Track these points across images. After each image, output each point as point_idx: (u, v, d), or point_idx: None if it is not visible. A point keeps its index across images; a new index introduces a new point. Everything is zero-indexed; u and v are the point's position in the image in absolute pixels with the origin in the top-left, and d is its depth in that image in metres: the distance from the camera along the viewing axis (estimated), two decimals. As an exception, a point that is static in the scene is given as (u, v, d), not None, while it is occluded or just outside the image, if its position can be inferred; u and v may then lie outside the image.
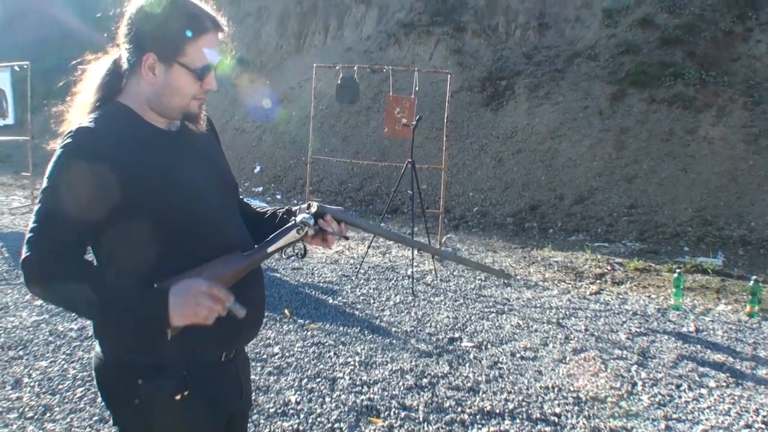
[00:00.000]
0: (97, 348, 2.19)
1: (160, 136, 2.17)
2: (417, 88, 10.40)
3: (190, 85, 2.11)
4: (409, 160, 8.74)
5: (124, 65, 2.13)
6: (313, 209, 2.25)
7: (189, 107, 2.17)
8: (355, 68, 11.03)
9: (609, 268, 9.25)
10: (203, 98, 2.21)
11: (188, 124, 2.25)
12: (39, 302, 7.06)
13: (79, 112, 2.16)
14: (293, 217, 2.27)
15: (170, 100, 2.12)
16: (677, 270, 7.86)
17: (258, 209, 2.59)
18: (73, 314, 1.57)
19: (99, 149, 1.95)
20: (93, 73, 2.21)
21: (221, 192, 2.29)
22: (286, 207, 2.49)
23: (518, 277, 8.79)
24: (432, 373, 5.40)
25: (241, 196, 2.61)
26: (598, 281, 8.66)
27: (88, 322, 6.24)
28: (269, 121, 18.09)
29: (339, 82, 10.87)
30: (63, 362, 5.52)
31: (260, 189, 15.20)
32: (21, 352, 5.74)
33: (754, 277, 7.66)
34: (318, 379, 5.25)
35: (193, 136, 2.28)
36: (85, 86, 2.20)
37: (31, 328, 6.31)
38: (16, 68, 13.70)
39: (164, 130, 2.19)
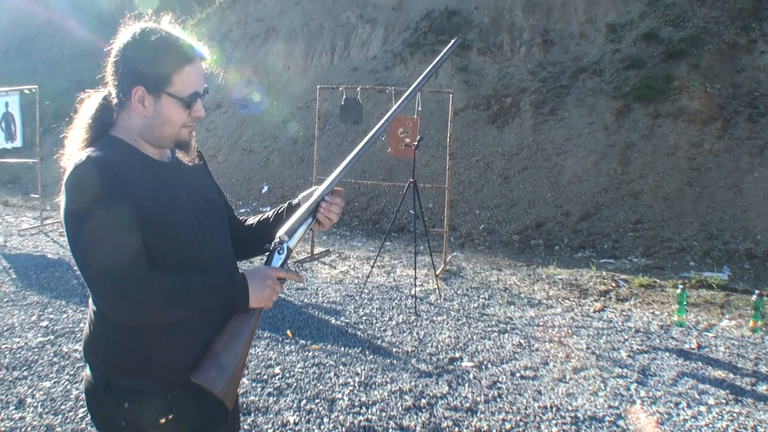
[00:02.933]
0: (87, 371, 2.27)
1: (154, 166, 2.24)
2: (420, 108, 10.45)
3: (179, 114, 2.19)
4: (411, 180, 8.78)
5: (114, 100, 2.20)
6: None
7: (180, 135, 2.25)
8: (359, 89, 11.08)
9: (614, 284, 9.23)
10: (192, 126, 2.29)
11: (179, 155, 2.34)
12: (45, 323, 7.13)
13: (74, 147, 2.21)
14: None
15: (161, 129, 2.20)
16: (680, 285, 7.84)
17: (259, 218, 2.70)
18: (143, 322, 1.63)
19: (113, 174, 2.02)
20: (86, 109, 2.27)
21: (211, 217, 2.37)
22: (287, 203, 2.65)
23: (522, 296, 8.78)
24: (431, 394, 5.42)
25: (241, 217, 2.73)
26: (603, 298, 8.65)
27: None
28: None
29: (342, 103, 10.93)
30: (66, 383, 5.58)
31: (268, 209, 15.22)
32: (25, 373, 5.82)
33: (757, 291, 7.62)
34: (317, 400, 5.28)
35: (183, 165, 2.36)
36: (78, 122, 2.26)
37: (36, 349, 6.37)
38: (26, 91, 13.86)
39: (157, 160, 2.27)
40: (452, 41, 2.81)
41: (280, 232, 2.35)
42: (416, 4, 19.35)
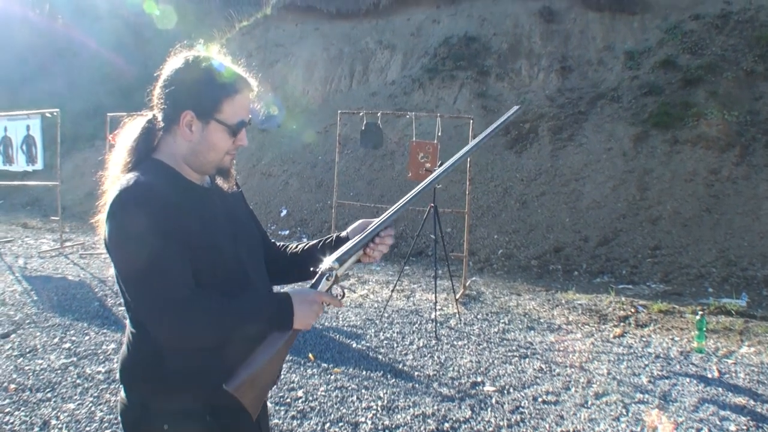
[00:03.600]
0: (122, 393, 2.29)
1: (196, 191, 2.30)
2: (440, 133, 10.52)
3: (224, 141, 2.27)
4: (432, 204, 8.85)
5: (160, 124, 2.27)
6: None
7: (222, 162, 2.32)
8: (379, 114, 11.18)
9: (633, 310, 9.25)
10: (234, 153, 2.35)
11: (218, 181, 2.40)
12: (67, 345, 7.20)
13: (117, 169, 2.27)
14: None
15: (206, 155, 2.27)
16: (700, 312, 7.86)
17: (302, 246, 2.72)
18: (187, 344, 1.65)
19: (159, 198, 2.07)
20: (128, 132, 2.34)
21: (248, 243, 2.44)
22: (335, 235, 2.63)
23: (542, 321, 8.81)
24: (454, 418, 5.45)
25: (273, 240, 2.77)
26: (622, 324, 8.67)
27: (116, 365, 6.37)
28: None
29: (363, 128, 11.03)
30: (90, 405, 5.62)
31: (287, 232, 15.31)
32: (49, 395, 5.86)
33: (777, 318, 7.67)
34: (340, 424, 5.32)
35: (222, 191, 2.42)
36: (121, 144, 2.32)
37: (59, 371, 6.43)
38: (48, 115, 14.01)
39: (199, 185, 2.33)
40: (514, 109, 2.84)
41: (331, 259, 2.38)
42: (435, 30, 19.50)
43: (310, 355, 7.03)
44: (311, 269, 2.41)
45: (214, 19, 24.58)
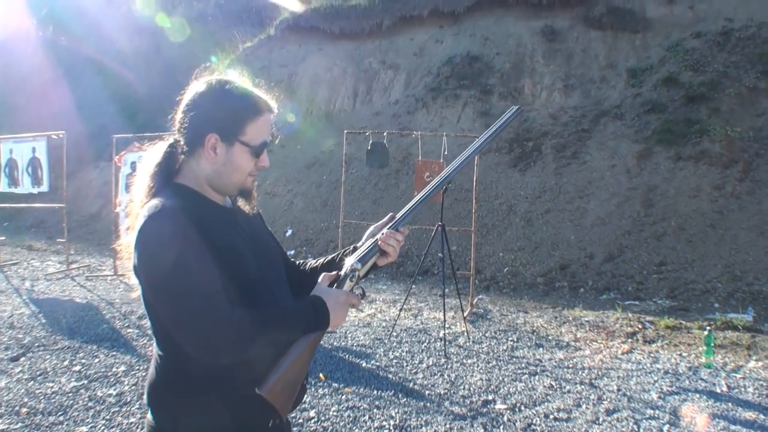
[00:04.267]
0: (150, 416, 2.30)
1: (221, 212, 2.34)
2: (446, 152, 10.57)
3: (248, 162, 2.31)
4: (440, 223, 8.90)
5: (183, 148, 2.31)
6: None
7: (245, 183, 2.37)
8: (385, 134, 11.25)
9: (640, 326, 9.28)
10: (256, 174, 2.40)
11: (240, 203, 2.45)
12: (77, 368, 7.23)
13: (142, 194, 2.29)
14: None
15: (230, 177, 2.31)
16: (707, 327, 7.89)
17: (322, 260, 2.77)
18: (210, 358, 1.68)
19: (187, 220, 2.11)
20: (150, 158, 2.36)
21: (271, 263, 2.48)
22: (352, 246, 2.69)
23: (550, 338, 8.85)
24: (466, 436, 5.49)
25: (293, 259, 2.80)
26: (630, 340, 8.70)
27: (127, 388, 6.42)
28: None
29: (369, 147, 11.09)
30: (103, 428, 5.65)
31: (292, 252, 15.34)
32: (61, 418, 5.87)
33: (785, 333, 7.70)
34: (354, 443, 5.35)
35: (243, 212, 2.47)
36: (144, 169, 2.34)
37: (70, 394, 6.45)
38: (54, 137, 14.07)
39: (222, 206, 2.38)
40: (513, 109, 2.92)
41: (353, 259, 2.47)
42: (438, 49, 19.61)
43: (321, 375, 7.06)
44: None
45: (218, 40, 24.68)
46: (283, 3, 23.26)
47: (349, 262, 2.48)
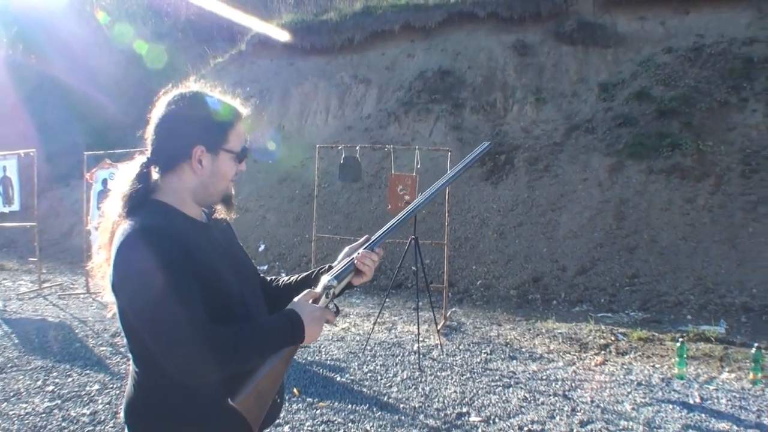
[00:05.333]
0: None
1: (199, 228, 2.33)
2: (419, 166, 10.58)
3: (232, 169, 2.36)
4: (413, 236, 8.90)
5: (161, 165, 2.30)
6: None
7: (228, 189, 2.41)
8: (357, 148, 11.24)
9: (613, 338, 9.31)
10: (235, 180, 2.43)
11: (219, 212, 2.48)
12: (50, 388, 7.14)
13: (115, 213, 2.25)
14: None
15: (216, 186, 2.34)
16: (680, 339, 7.93)
17: (296, 277, 2.76)
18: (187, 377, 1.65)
19: (166, 238, 2.10)
20: (123, 175, 2.33)
21: (247, 277, 2.48)
22: (327, 266, 2.69)
23: (523, 350, 8.85)
24: (441, 449, 5.47)
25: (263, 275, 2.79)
26: (603, 352, 8.72)
27: (101, 407, 6.36)
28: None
29: (341, 161, 11.06)
30: (77, 447, 5.58)
31: (265, 267, 15.28)
32: (35, 439, 5.81)
33: (756, 344, 7.72)
34: (329, 457, 5.32)
35: (219, 226, 2.49)
36: (117, 188, 2.31)
37: (44, 414, 6.36)
38: (24, 155, 13.93)
39: (200, 222, 2.37)
40: (484, 145, 2.99)
41: (329, 276, 2.48)
42: (409, 63, 19.65)
43: (295, 390, 7.03)
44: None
45: (189, 56, 24.61)
46: (251, 23, 23.20)
47: (325, 279, 2.48)
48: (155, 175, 2.32)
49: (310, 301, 2.41)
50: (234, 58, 23.56)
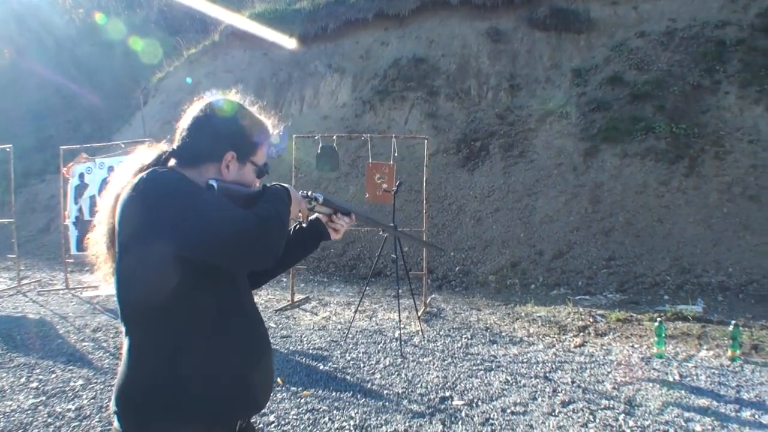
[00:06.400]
0: (116, 424, 2.24)
1: None
2: (396, 154, 10.61)
3: (253, 181, 2.46)
4: (392, 224, 8.93)
5: (185, 159, 2.37)
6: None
7: None
8: (334, 137, 11.25)
9: (591, 320, 9.40)
10: None
11: None
12: (34, 384, 7.10)
13: (124, 180, 2.30)
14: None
15: None
16: (658, 319, 8.02)
17: None
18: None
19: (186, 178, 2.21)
20: (140, 157, 2.39)
21: None
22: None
23: (503, 334, 8.92)
24: (426, 433, 5.52)
25: None
26: (582, 334, 8.81)
27: (86, 402, 6.35)
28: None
29: (319, 151, 11.05)
30: (64, 442, 5.58)
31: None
32: (21, 435, 5.79)
33: (734, 321, 7.83)
34: (315, 444, 5.35)
35: None
36: (131, 165, 2.36)
37: (29, 411, 6.34)
38: (-1, 150, 13.83)
39: None
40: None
41: (318, 192, 2.70)
42: (384, 52, 19.66)
43: (279, 380, 7.04)
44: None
45: (162, 47, 24.50)
46: (222, 14, 23.12)
47: (315, 193, 2.68)
48: (172, 165, 2.37)
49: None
50: (207, 48, 23.51)
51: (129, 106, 24.33)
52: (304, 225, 2.80)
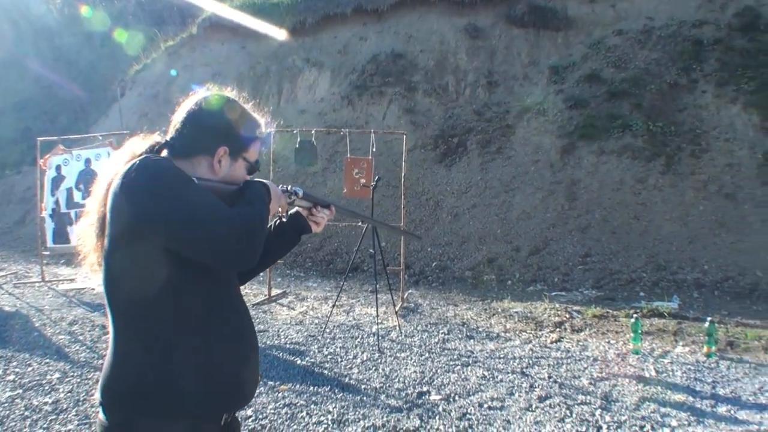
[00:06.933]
0: (102, 416, 2.22)
1: None
2: (374, 149, 10.60)
3: (243, 177, 2.47)
4: (359, 223, 8.92)
5: (177, 151, 2.36)
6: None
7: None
8: (313, 132, 11.23)
9: (567, 316, 9.45)
10: None
11: None
12: (11, 377, 7.05)
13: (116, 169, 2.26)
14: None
15: None
16: (634, 315, 8.07)
17: None
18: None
19: (177, 168, 2.20)
20: (131, 147, 2.37)
21: None
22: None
23: (480, 329, 8.95)
24: (404, 428, 5.51)
25: None
26: (558, 329, 8.85)
27: (62, 395, 6.31)
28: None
29: (297, 145, 11.02)
30: (41, 436, 5.54)
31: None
32: (-2, 429, 5.75)
33: (709, 318, 7.90)
34: (293, 439, 5.34)
35: None
36: (122, 155, 2.34)
37: (6, 404, 6.29)
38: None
39: None
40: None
41: (298, 186, 2.73)
42: (362, 47, 19.64)
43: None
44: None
45: (141, 39, 24.36)
46: (203, 3, 23.01)
47: (295, 187, 2.71)
48: (164, 155, 2.36)
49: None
50: (185, 41, 23.39)
51: (106, 97, 24.18)
52: (284, 220, 2.80)
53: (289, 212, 2.80)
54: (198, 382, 2.18)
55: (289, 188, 2.66)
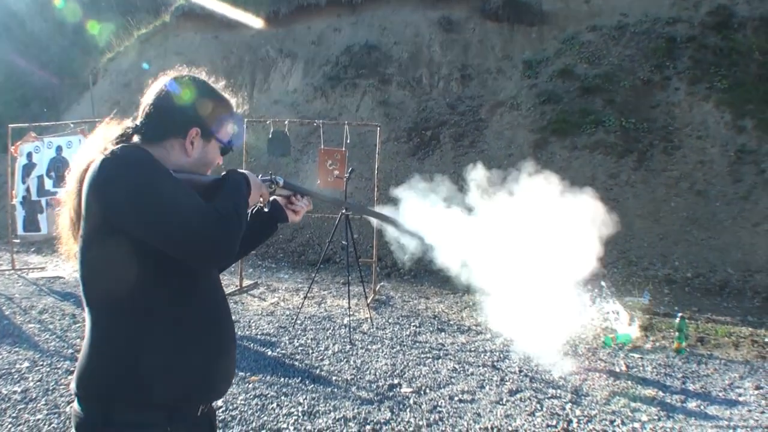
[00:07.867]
0: (77, 406, 2.19)
1: None
2: (348, 141, 10.58)
3: (216, 158, 2.44)
4: (344, 211, 8.89)
5: (148, 135, 2.31)
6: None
7: None
8: (286, 122, 11.18)
9: (539, 310, 9.47)
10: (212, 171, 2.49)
11: None
12: (-23, 365, 6.97)
13: (90, 156, 2.23)
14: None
15: (201, 171, 2.39)
16: (680, 315, 8.05)
17: None
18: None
19: (152, 158, 2.14)
20: (103, 134, 2.33)
21: None
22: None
23: (451, 323, 8.95)
24: (374, 420, 5.50)
25: None
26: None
27: (32, 384, 6.25)
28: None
29: (270, 136, 10.97)
30: (9, 425, 5.45)
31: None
32: (-34, 417, 5.67)
33: (680, 314, 7.95)
34: (263, 431, 5.31)
35: None
36: (94, 143, 2.29)
37: (-27, 392, 6.23)
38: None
39: None
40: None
41: (278, 176, 2.72)
42: (336, 38, 19.59)
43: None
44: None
45: (113, 27, 24.14)
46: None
47: (276, 176, 2.70)
48: (136, 140, 2.32)
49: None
50: (158, 29, 23.20)
51: (78, 85, 23.96)
52: (265, 210, 2.75)
53: (269, 201, 2.76)
54: (167, 375, 2.15)
55: (270, 176, 2.65)
